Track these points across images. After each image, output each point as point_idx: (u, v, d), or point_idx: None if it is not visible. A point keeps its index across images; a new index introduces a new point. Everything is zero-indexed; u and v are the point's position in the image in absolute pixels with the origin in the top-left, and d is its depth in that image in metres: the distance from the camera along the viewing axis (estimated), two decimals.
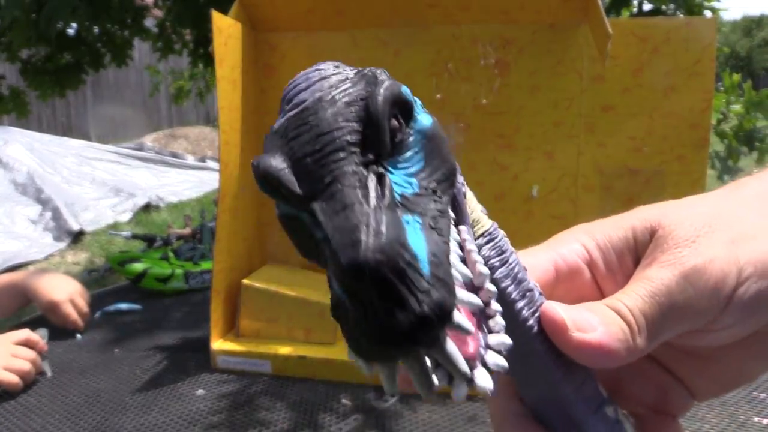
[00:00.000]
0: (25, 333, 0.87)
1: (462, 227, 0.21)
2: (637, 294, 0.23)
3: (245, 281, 0.90)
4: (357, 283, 0.16)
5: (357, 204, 0.16)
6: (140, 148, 6.28)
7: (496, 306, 0.20)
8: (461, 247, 0.20)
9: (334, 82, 0.19)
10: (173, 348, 0.95)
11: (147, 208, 4.59)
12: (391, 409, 0.76)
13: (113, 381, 0.85)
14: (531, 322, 0.23)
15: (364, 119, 0.18)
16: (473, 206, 0.23)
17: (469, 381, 0.18)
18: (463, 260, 0.20)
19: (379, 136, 0.18)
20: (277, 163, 0.18)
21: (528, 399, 0.25)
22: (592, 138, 0.91)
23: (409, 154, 0.19)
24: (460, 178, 0.22)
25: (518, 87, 0.92)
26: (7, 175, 4.77)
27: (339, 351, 0.86)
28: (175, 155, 6.21)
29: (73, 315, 1.01)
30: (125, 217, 4.38)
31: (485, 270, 0.20)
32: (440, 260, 0.17)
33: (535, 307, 0.23)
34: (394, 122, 0.19)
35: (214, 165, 5.87)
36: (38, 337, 0.89)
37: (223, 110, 0.86)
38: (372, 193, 0.17)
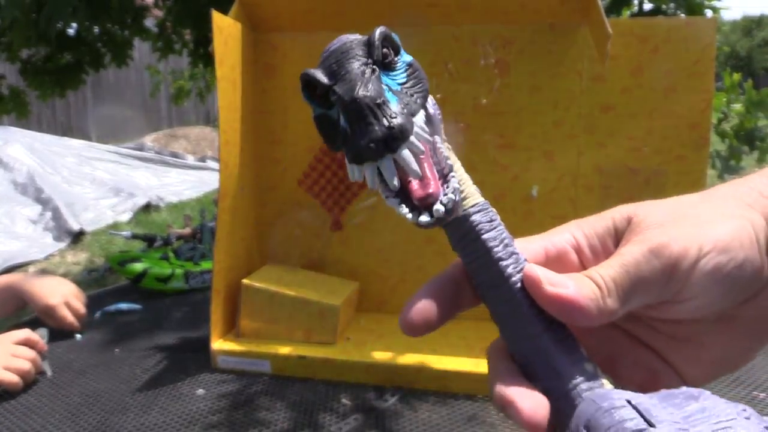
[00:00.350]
0: (25, 333, 0.87)
1: (436, 136, 0.28)
2: (609, 265, 0.27)
3: (245, 281, 0.90)
4: (352, 109, 0.25)
5: (357, 78, 0.26)
6: (140, 148, 6.28)
7: (453, 174, 0.27)
8: (433, 148, 0.27)
9: (353, 38, 0.27)
10: (173, 348, 0.95)
11: (147, 208, 4.59)
12: (391, 408, 0.76)
13: (113, 381, 0.85)
14: (515, 278, 0.27)
15: (367, 44, 0.27)
16: (466, 181, 0.28)
17: (428, 210, 0.26)
18: (434, 153, 0.27)
19: (373, 49, 0.27)
20: (315, 71, 0.27)
21: (517, 356, 0.28)
22: (592, 138, 0.91)
23: (396, 72, 0.28)
24: (437, 108, 0.29)
25: (518, 87, 0.92)
26: (7, 175, 4.77)
27: (339, 351, 0.87)
28: (175, 155, 6.21)
29: (69, 318, 1.01)
30: (125, 217, 4.38)
31: (447, 154, 0.28)
32: (405, 109, 0.26)
33: (519, 267, 0.28)
34: (386, 50, 0.27)
35: (214, 165, 5.87)
36: (38, 336, 0.89)
37: (223, 110, 0.86)
38: (367, 74, 0.26)
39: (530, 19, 0.90)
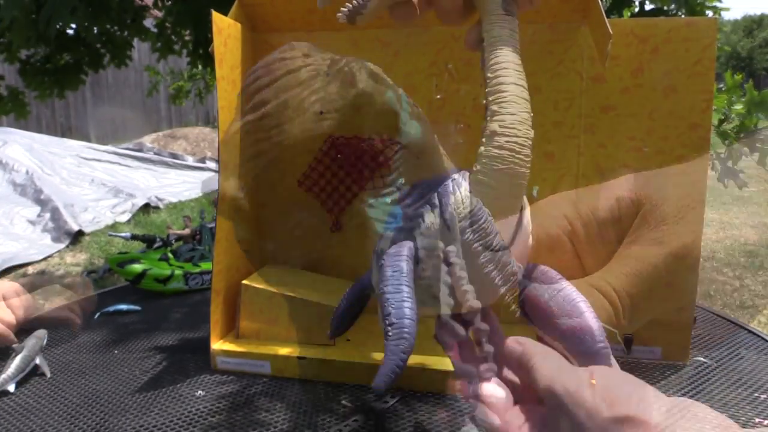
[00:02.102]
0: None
1: (451, 248, 0.20)
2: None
3: (245, 282, 0.90)
4: None
5: None
6: (140, 149, 6.27)
7: (488, 347, 0.19)
8: (449, 272, 0.19)
9: (303, 78, 0.17)
10: (173, 349, 0.95)
11: (146, 208, 4.59)
12: (391, 410, 0.76)
13: (112, 382, 0.85)
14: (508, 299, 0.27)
15: None
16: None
17: None
18: (452, 290, 0.19)
19: None
20: None
21: None
22: (592, 138, 0.91)
23: (393, 176, 0.18)
24: (453, 187, 0.20)
25: None
26: (6, 176, 4.77)
27: (339, 352, 0.86)
28: (174, 156, 6.21)
29: None
30: (124, 217, 4.38)
31: (476, 303, 0.19)
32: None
33: (516, 293, 0.24)
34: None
35: (214, 166, 5.87)
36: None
37: (223, 110, 0.86)
38: None
39: (530, 19, 0.90)
